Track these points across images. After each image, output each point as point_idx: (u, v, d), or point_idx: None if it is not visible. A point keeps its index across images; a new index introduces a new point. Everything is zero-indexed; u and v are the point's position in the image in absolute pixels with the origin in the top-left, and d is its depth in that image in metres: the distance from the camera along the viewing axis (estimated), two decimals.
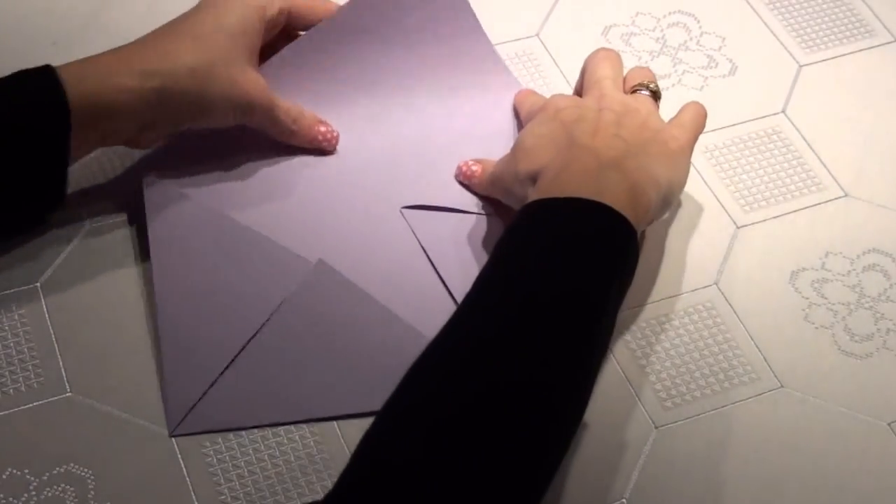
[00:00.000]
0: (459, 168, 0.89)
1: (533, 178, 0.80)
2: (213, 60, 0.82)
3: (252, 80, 0.84)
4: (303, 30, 0.90)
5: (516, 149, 0.83)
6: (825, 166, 0.93)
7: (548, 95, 0.89)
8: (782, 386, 0.82)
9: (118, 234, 0.84)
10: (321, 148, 0.89)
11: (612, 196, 0.76)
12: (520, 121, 0.91)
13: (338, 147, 0.89)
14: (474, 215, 0.87)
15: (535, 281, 0.72)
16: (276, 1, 0.86)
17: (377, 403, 0.68)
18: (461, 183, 0.88)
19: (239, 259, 0.83)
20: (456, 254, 0.85)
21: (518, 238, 0.75)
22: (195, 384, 0.77)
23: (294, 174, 0.88)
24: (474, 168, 0.88)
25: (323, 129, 0.89)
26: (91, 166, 0.88)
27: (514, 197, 0.82)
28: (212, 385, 0.78)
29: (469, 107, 0.92)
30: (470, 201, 0.87)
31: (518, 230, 0.76)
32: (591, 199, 0.75)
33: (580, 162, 0.78)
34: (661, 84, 0.97)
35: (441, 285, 0.83)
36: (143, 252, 0.84)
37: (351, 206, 0.87)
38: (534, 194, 0.78)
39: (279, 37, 0.89)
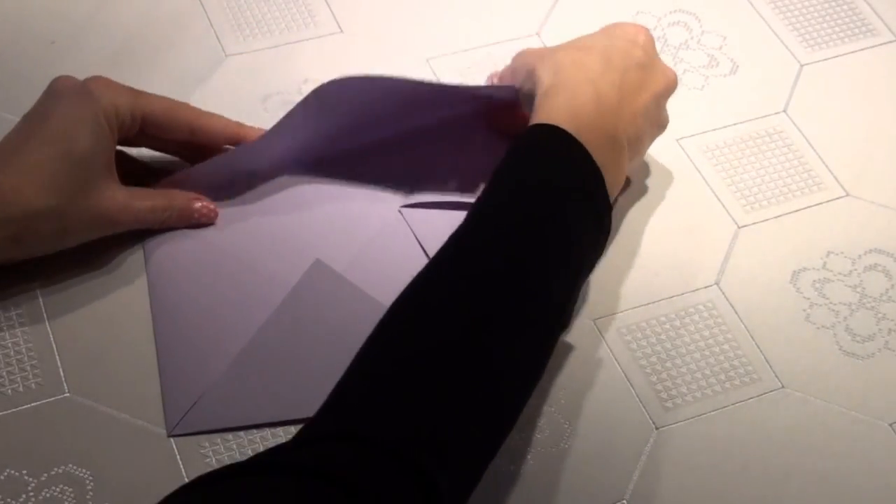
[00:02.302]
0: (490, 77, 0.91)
1: (555, 71, 0.80)
2: (70, 196, 0.77)
3: (110, 200, 0.79)
4: (160, 140, 0.85)
5: (574, 41, 0.85)
6: (826, 166, 0.93)
7: None
8: (783, 386, 0.81)
9: (116, 234, 0.84)
10: (200, 223, 0.84)
11: (611, 176, 0.77)
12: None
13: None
14: None
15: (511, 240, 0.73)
16: (123, 101, 0.80)
17: None
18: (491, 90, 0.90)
19: (236, 257, 0.83)
20: None
21: (517, 173, 0.76)
22: (193, 384, 0.77)
23: (292, 174, 0.88)
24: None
25: (198, 205, 0.84)
26: None
27: (527, 74, 0.82)
28: (210, 386, 0.77)
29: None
30: (469, 197, 0.87)
31: (524, 161, 0.76)
32: (598, 169, 0.76)
33: (606, 118, 0.79)
34: None
35: None
36: (141, 252, 0.83)
37: (349, 206, 0.87)
38: (548, 106, 0.78)
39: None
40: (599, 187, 0.76)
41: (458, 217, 0.86)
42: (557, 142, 0.76)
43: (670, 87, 0.85)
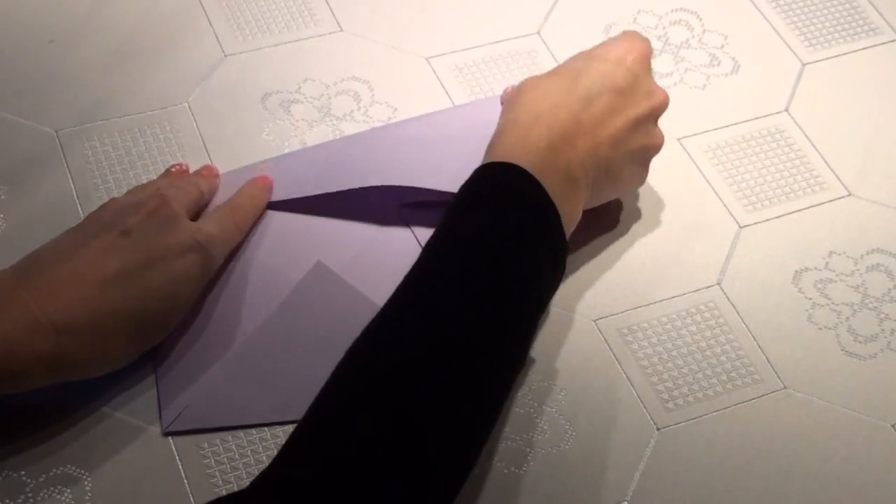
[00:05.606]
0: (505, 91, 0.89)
1: (513, 106, 0.79)
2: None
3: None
4: None
5: (557, 67, 0.83)
6: (828, 165, 0.93)
7: None
8: (785, 387, 0.81)
9: None
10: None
11: (564, 210, 0.75)
12: None
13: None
14: None
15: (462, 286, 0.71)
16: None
17: None
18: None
19: (235, 255, 0.83)
20: None
21: (469, 216, 0.74)
22: (190, 382, 0.77)
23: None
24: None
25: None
26: (88, 172, 0.87)
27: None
28: (207, 383, 0.77)
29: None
30: None
31: (476, 203, 0.74)
32: (553, 205, 0.74)
33: (559, 151, 0.77)
34: (664, 83, 0.96)
35: None
36: None
37: (349, 206, 0.86)
38: (501, 144, 0.77)
39: None
40: (555, 223, 0.74)
41: None
42: (511, 179, 0.74)
43: (656, 109, 0.82)
